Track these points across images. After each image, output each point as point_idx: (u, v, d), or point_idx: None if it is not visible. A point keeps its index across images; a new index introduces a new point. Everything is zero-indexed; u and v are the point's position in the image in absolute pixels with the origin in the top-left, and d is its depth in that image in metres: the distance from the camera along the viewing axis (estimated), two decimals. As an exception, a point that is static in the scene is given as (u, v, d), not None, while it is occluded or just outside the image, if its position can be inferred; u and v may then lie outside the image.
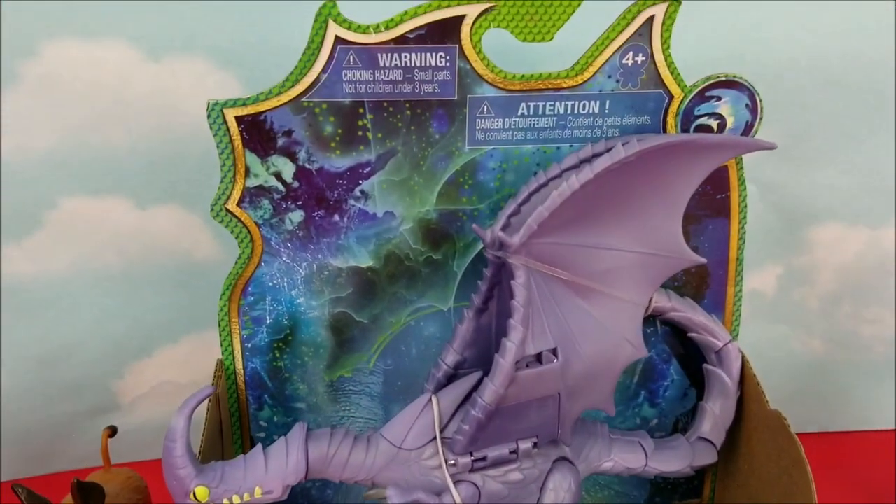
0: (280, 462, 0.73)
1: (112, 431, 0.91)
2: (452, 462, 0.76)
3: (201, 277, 1.04)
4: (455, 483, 0.76)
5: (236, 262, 0.85)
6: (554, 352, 0.75)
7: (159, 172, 0.99)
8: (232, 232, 0.84)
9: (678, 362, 0.94)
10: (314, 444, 0.75)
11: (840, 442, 1.17)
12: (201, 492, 0.71)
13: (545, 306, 0.76)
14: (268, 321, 0.88)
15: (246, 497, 0.72)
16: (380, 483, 0.76)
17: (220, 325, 0.87)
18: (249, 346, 0.89)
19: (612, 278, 0.78)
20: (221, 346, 0.88)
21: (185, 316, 1.07)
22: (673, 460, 0.88)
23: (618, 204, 0.76)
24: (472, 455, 0.76)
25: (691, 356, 0.93)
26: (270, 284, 0.86)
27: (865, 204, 1.07)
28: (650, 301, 0.86)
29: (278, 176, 0.81)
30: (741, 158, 0.85)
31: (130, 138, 0.97)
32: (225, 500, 0.72)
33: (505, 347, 0.73)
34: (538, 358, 0.75)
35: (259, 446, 0.75)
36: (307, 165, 0.81)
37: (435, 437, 0.77)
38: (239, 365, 0.89)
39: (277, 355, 0.89)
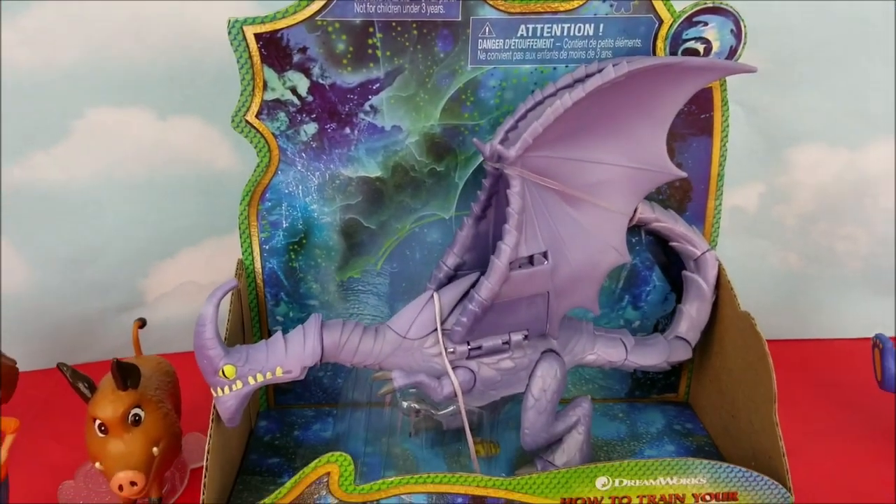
0: (298, 346, 0.82)
1: (142, 323, 1.00)
2: (451, 350, 0.85)
3: (221, 186, 1.11)
4: (453, 368, 0.85)
5: (255, 170, 0.92)
6: (545, 255, 0.83)
7: (179, 85, 1.05)
8: (251, 142, 0.91)
9: (660, 269, 1.02)
10: (328, 331, 0.84)
11: (813, 349, 1.26)
12: (229, 370, 0.80)
13: (538, 214, 0.83)
14: (284, 225, 0.96)
15: (268, 375, 0.81)
16: (386, 367, 0.85)
17: (240, 228, 0.95)
18: (267, 247, 0.97)
19: (599, 190, 0.86)
20: (242, 247, 0.96)
21: (205, 221, 1.14)
22: (651, 355, 0.97)
23: (607, 121, 0.83)
24: (468, 344, 0.85)
25: (672, 263, 1.01)
26: (286, 191, 0.94)
27: (845, 127, 1.13)
28: (635, 212, 0.93)
29: (294, 90, 0.88)
30: (725, 81, 0.91)
31: (151, 53, 1.03)
32: (249, 378, 0.81)
33: (500, 249, 0.81)
34: (530, 260, 0.83)
35: (279, 333, 0.83)
36: (321, 81, 0.88)
37: (436, 329, 0.85)
38: (258, 265, 0.97)
39: (293, 256, 0.97)
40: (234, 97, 0.91)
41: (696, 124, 0.93)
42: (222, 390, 0.81)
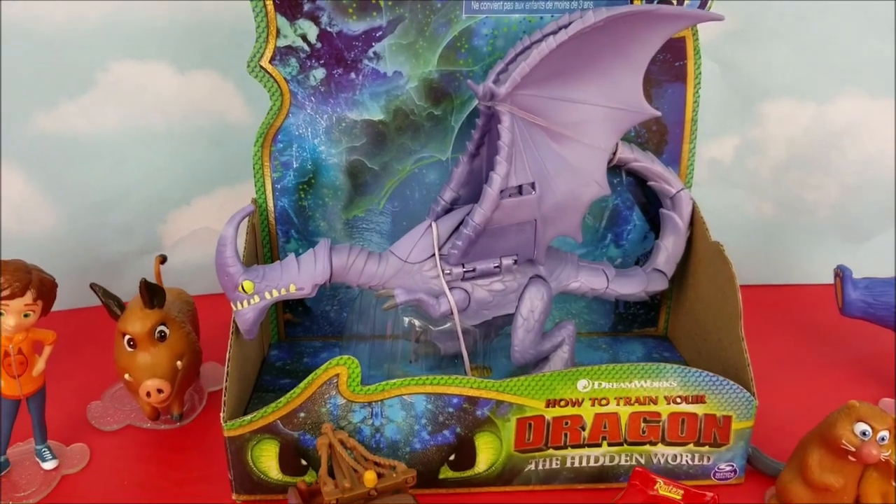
0: (309, 266, 0.91)
1: (163, 259, 1.09)
2: (448, 272, 0.94)
3: (233, 137, 1.20)
4: (450, 289, 0.94)
5: (268, 113, 1.01)
6: (532, 186, 0.92)
7: (197, 41, 1.14)
8: (265, 86, 0.99)
9: (640, 209, 1.11)
10: (336, 254, 0.92)
11: (785, 293, 1.35)
12: (248, 285, 0.89)
13: (526, 148, 0.92)
14: (294, 165, 1.04)
15: (283, 291, 0.90)
16: (389, 287, 0.94)
17: (254, 168, 1.04)
18: (279, 187, 1.05)
19: (582, 128, 0.94)
20: (255, 186, 1.05)
21: (219, 170, 1.23)
22: (630, 285, 1.06)
23: (589, 64, 0.92)
24: (463, 267, 0.94)
25: (650, 204, 1.10)
26: (297, 133, 1.02)
27: (813, 81, 1.22)
28: (616, 151, 1.02)
29: (304, 37, 0.97)
30: (697, 31, 1.00)
31: (171, 10, 1.11)
32: (266, 293, 0.90)
33: (492, 178, 0.90)
34: (519, 190, 0.92)
35: (292, 255, 0.92)
36: (328, 28, 0.96)
37: (434, 254, 0.94)
38: (270, 203, 1.06)
39: (302, 195, 1.06)
40: (247, 53, 0.99)
41: (670, 71, 1.02)
42: (241, 304, 0.90)
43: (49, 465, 0.95)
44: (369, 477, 0.77)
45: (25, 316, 0.87)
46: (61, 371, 1.11)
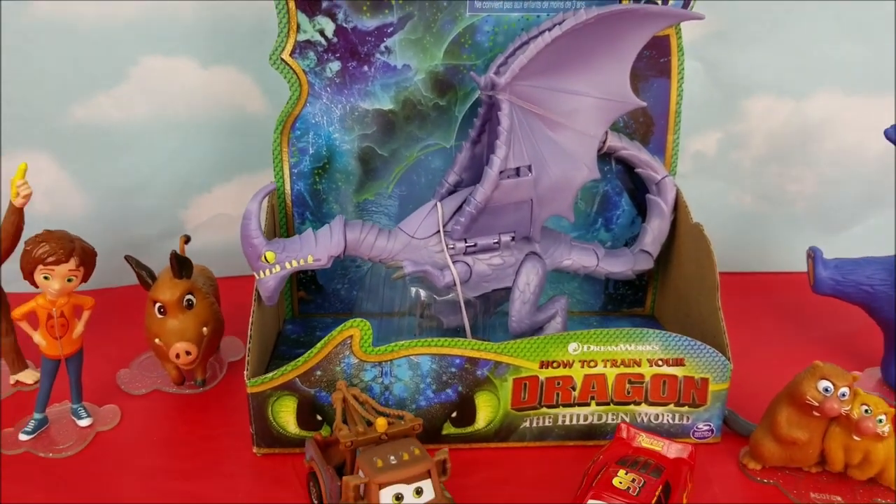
0: (325, 239, 1.00)
1: (187, 239, 1.17)
2: (451, 246, 1.03)
3: (252, 128, 1.29)
4: (453, 262, 1.03)
5: (287, 103, 1.10)
6: (529, 168, 1.01)
7: (220, 38, 1.24)
8: (285, 77, 1.08)
9: (628, 196, 1.20)
10: (350, 229, 1.01)
11: (766, 281, 1.44)
12: (270, 255, 0.98)
13: (523, 134, 1.01)
14: (310, 151, 1.13)
15: (301, 262, 0.99)
16: (398, 261, 1.03)
17: (273, 154, 1.13)
18: (296, 171, 1.14)
19: (574, 116, 1.03)
20: (274, 170, 1.14)
21: (237, 159, 1.32)
22: (618, 263, 1.15)
23: (581, 58, 1.01)
24: (466, 242, 1.03)
25: (638, 190, 1.19)
26: (313, 121, 1.11)
27: (790, 79, 1.32)
28: (605, 140, 1.11)
29: (322, 32, 1.06)
30: (680, 29, 1.10)
31: (197, 9, 1.21)
32: (286, 263, 0.99)
33: (492, 160, 0.99)
34: (517, 172, 1.01)
35: (310, 229, 1.01)
36: (344, 24, 1.06)
37: (439, 230, 1.03)
38: (287, 187, 1.15)
39: (317, 180, 1.15)
40: (266, 49, 1.08)
41: (656, 67, 1.12)
42: (264, 273, 0.99)
43: (84, 423, 1.04)
44: (380, 423, 0.86)
45: (69, 281, 0.96)
46: (92, 343, 1.19)
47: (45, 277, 0.94)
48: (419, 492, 0.81)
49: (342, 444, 0.85)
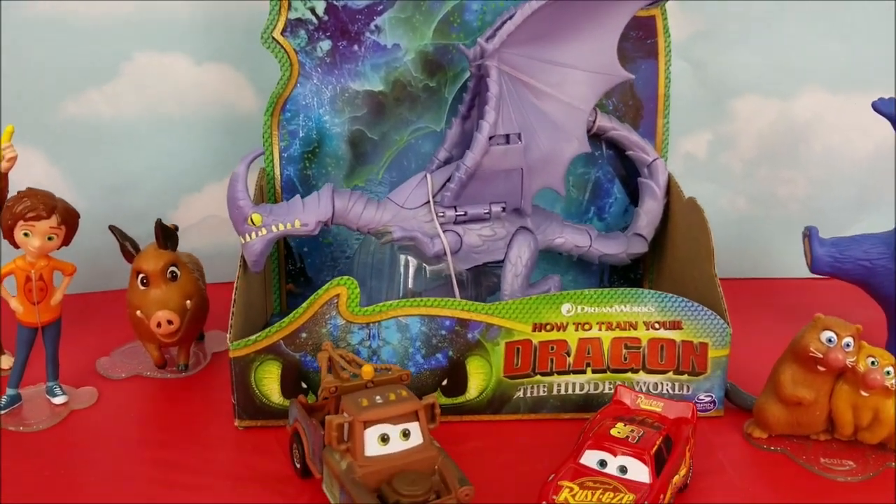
0: (314, 205, 0.99)
1: (175, 227, 1.16)
2: (441, 214, 1.01)
3: (243, 126, 1.29)
4: (443, 231, 1.01)
5: (278, 83, 1.10)
6: (518, 136, 1.01)
7: (214, 35, 1.25)
8: (276, 57, 1.09)
9: (620, 182, 1.19)
10: (338, 196, 1.00)
11: (759, 287, 1.40)
12: (256, 217, 0.96)
13: (512, 102, 1.01)
14: (301, 135, 1.13)
15: (288, 226, 0.97)
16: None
17: (263, 137, 1.13)
18: (286, 156, 1.14)
19: (562, 87, 1.04)
20: (265, 155, 1.13)
21: (229, 158, 1.30)
22: (612, 246, 1.13)
23: (567, 30, 1.02)
24: (456, 210, 1.02)
25: (630, 177, 1.18)
26: (304, 103, 1.12)
27: (775, 79, 1.33)
28: (595, 119, 1.12)
29: (313, 10, 1.08)
30: (665, 10, 1.12)
31: (192, 5, 1.23)
32: (273, 227, 0.97)
33: (481, 125, 0.99)
34: (506, 140, 1.01)
35: (298, 196, 1.00)
36: (335, 2, 1.07)
37: (429, 201, 1.02)
38: (277, 172, 1.15)
39: (307, 164, 1.15)
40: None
41: (643, 48, 1.13)
42: (250, 236, 0.97)
43: (59, 400, 0.99)
44: (367, 369, 0.83)
45: (49, 239, 0.94)
46: (71, 339, 1.16)
47: (25, 234, 0.92)
48: (406, 434, 0.77)
49: (326, 391, 0.82)
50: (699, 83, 1.34)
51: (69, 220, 0.95)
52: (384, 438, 0.76)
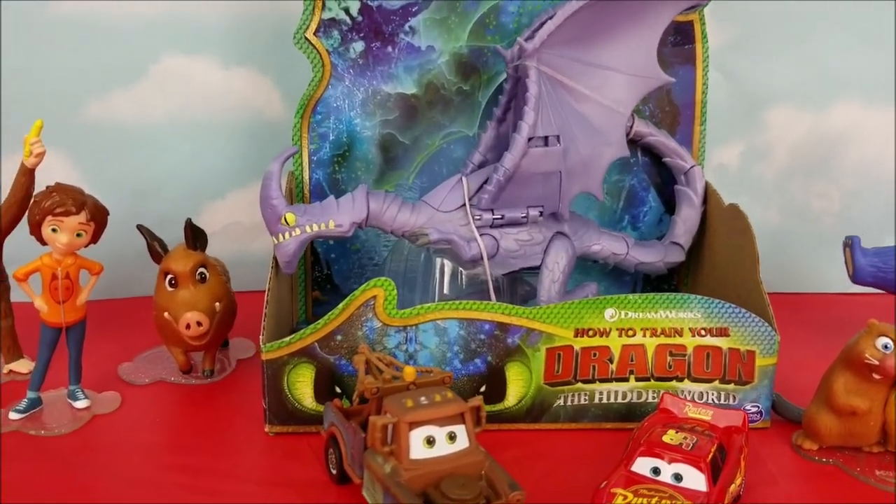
0: (348, 205, 0.96)
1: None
2: (478, 217, 0.99)
3: (269, 132, 1.27)
4: (480, 235, 0.99)
5: (309, 84, 1.08)
6: (557, 138, 0.99)
7: (241, 39, 1.24)
8: (308, 57, 1.07)
9: (655, 190, 1.17)
10: (373, 198, 0.97)
11: (795, 302, 1.37)
12: (290, 217, 0.93)
13: (551, 104, 0.99)
14: (331, 137, 1.11)
15: (322, 227, 0.95)
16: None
17: (293, 139, 1.10)
18: (315, 159, 1.12)
19: (602, 90, 1.02)
20: (294, 158, 1.11)
21: (253, 164, 1.29)
22: (649, 254, 1.10)
23: (607, 32, 1.00)
24: (493, 213, 0.99)
25: (665, 184, 1.16)
26: (335, 105, 1.10)
27: (809, 90, 1.31)
28: (632, 125, 1.09)
29: (347, 11, 1.06)
30: (703, 15, 1.10)
31: (220, 8, 1.22)
32: (307, 227, 0.94)
33: (520, 126, 0.97)
34: (545, 142, 0.99)
35: (332, 196, 0.97)
36: (369, 3, 1.06)
37: (465, 204, 0.99)
38: (306, 176, 1.12)
39: (337, 168, 1.12)
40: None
41: (681, 54, 1.11)
42: (283, 237, 0.94)
43: (81, 404, 0.96)
44: (408, 371, 0.79)
45: (78, 236, 0.91)
46: (94, 345, 1.12)
47: (53, 230, 0.90)
48: (452, 437, 0.74)
49: (368, 391, 0.78)
50: (731, 93, 1.32)
51: (98, 216, 0.93)
52: (430, 441, 0.73)
